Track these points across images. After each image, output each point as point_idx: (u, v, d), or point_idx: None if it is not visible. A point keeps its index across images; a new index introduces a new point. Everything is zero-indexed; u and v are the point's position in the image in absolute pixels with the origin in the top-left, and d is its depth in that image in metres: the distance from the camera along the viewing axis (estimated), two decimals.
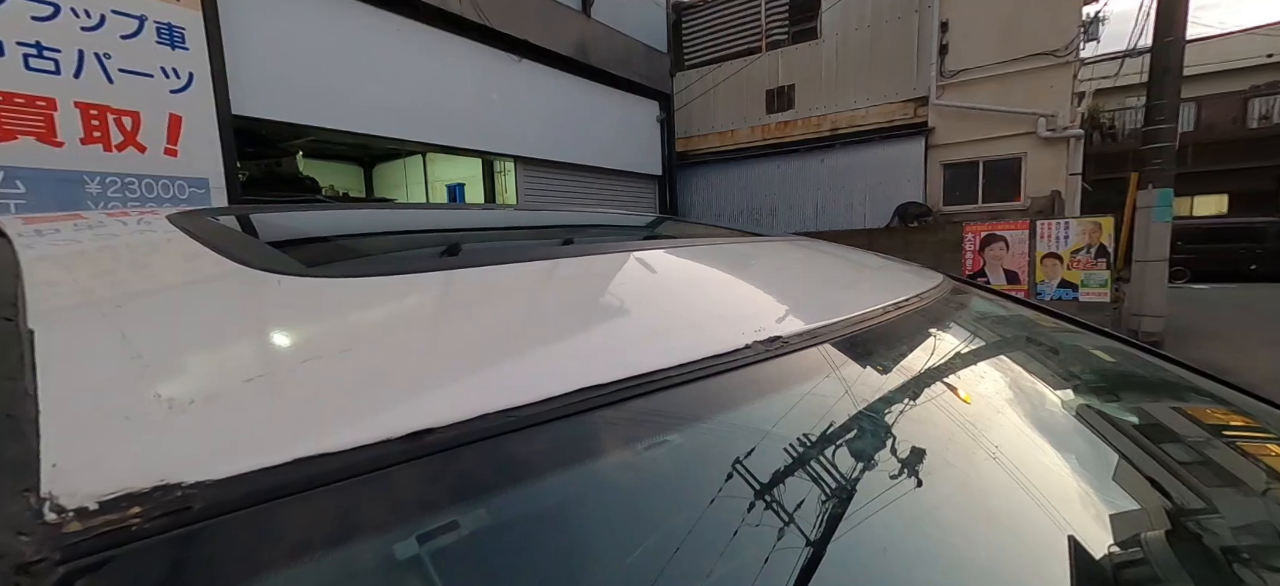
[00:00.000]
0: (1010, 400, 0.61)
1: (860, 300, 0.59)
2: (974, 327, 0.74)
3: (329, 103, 5.20)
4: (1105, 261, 5.87)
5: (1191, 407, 0.74)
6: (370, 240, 0.78)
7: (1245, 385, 0.77)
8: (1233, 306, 9.02)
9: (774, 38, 10.52)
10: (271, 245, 0.60)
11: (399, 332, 0.37)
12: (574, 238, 1.04)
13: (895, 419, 0.46)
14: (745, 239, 0.84)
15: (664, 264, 0.61)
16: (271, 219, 0.73)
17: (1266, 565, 0.46)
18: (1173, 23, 6.01)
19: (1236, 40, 15.90)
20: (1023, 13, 8.28)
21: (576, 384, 0.33)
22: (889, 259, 1.04)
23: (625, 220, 1.29)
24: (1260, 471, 0.61)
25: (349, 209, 0.88)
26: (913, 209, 8.87)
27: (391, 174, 11.01)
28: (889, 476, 0.41)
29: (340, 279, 0.43)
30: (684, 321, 0.46)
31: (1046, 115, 8.19)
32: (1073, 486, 0.51)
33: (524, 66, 7.24)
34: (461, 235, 0.91)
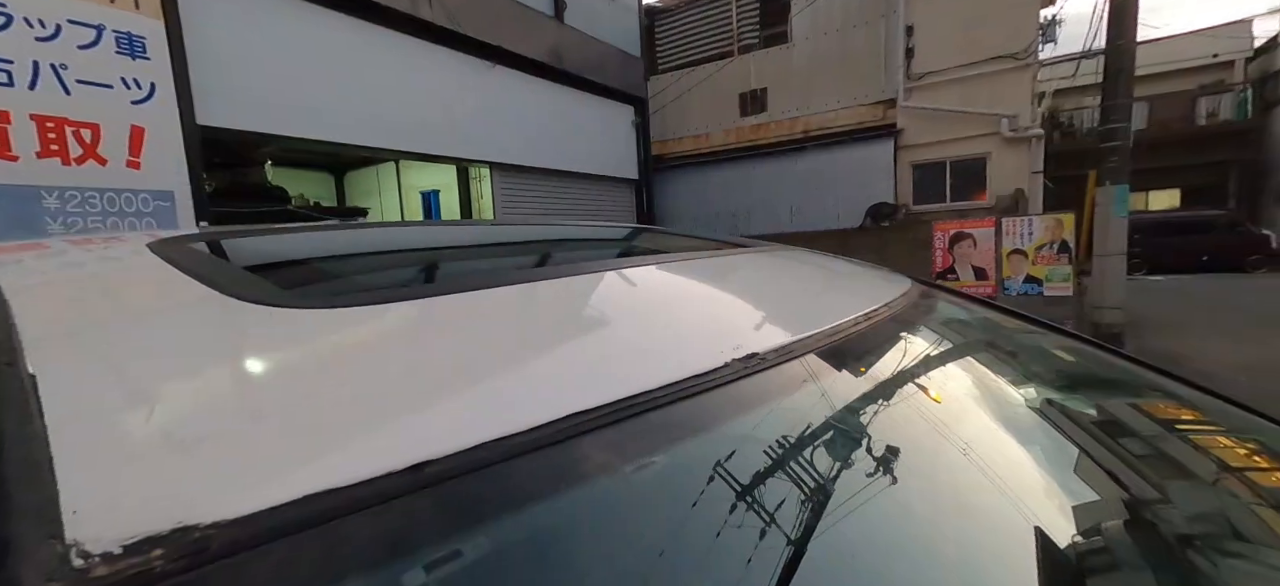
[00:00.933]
0: (979, 400, 0.64)
1: (836, 310, 0.61)
2: (943, 331, 0.77)
3: (297, 111, 5.10)
4: (1068, 256, 6.09)
5: (1146, 402, 0.79)
6: (353, 265, 0.78)
7: (1196, 378, 0.82)
8: (1187, 297, 9.44)
9: (745, 41, 10.67)
10: (255, 273, 0.60)
11: (395, 362, 0.38)
12: (554, 254, 1.05)
13: (877, 426, 0.48)
14: (722, 250, 0.87)
15: (646, 281, 0.63)
16: (250, 244, 0.73)
17: (1218, 551, 0.50)
18: (1124, 27, 6.28)
19: (1185, 41, 16.67)
20: (984, 17, 8.55)
21: (570, 408, 0.34)
22: (859, 264, 1.07)
23: (604, 232, 1.30)
24: (1211, 462, 0.66)
25: (326, 231, 0.87)
26: (884, 209, 9.07)
27: (363, 182, 10.82)
28: (874, 481, 0.44)
29: (333, 309, 0.44)
30: (668, 340, 0.47)
31: (1009, 116, 8.47)
32: (1039, 480, 0.55)
33: (498, 72, 7.21)
34: (445, 254, 0.91)
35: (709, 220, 10.88)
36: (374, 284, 0.67)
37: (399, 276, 0.78)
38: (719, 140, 10.82)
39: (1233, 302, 8.67)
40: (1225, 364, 5.18)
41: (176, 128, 3.97)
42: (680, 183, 11.12)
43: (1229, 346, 5.88)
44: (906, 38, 9.05)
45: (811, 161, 9.85)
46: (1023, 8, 8.48)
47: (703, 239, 1.12)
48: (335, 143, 5.56)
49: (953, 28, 8.73)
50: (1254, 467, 0.68)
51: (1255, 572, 0.48)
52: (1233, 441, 0.71)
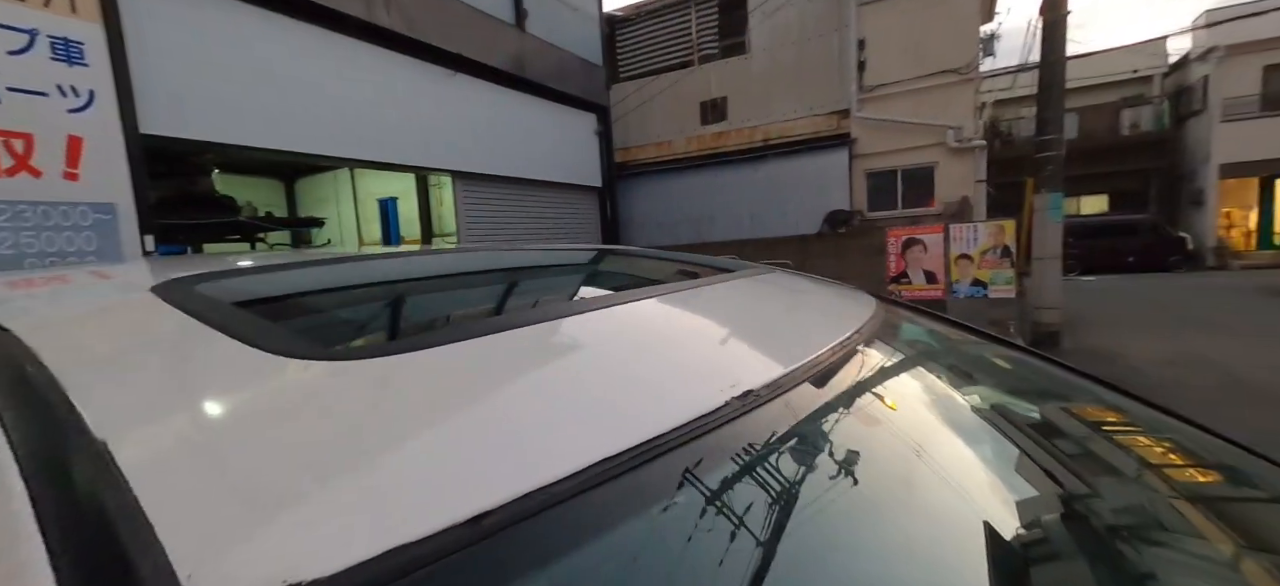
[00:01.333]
0: (962, 418, 0.71)
1: (819, 339, 0.67)
2: (917, 352, 0.85)
3: (247, 118, 4.92)
4: (1009, 260, 6.45)
5: (1079, 407, 0.88)
6: (372, 307, 0.80)
7: (1124, 379, 0.93)
8: (1116, 296, 10.14)
9: (705, 51, 10.87)
10: (269, 320, 0.62)
11: (436, 412, 0.41)
12: (555, 285, 1.08)
13: (871, 450, 0.54)
14: (711, 278, 0.92)
15: (650, 317, 0.67)
16: (256, 285, 0.73)
17: (1143, 539, 0.58)
18: (1054, 44, 6.71)
19: (1109, 57, 17.88)
20: (929, 33, 8.99)
21: (598, 454, 0.38)
22: (830, 284, 1.15)
23: (590, 259, 1.34)
24: (1133, 460, 0.75)
25: (322, 265, 0.87)
26: (841, 215, 9.39)
27: (316, 189, 10.48)
28: (878, 502, 0.49)
29: (366, 360, 0.46)
30: (675, 380, 0.52)
31: (954, 127, 8.92)
32: (1023, 488, 0.61)
33: (459, 80, 7.13)
34: (454, 287, 0.93)
35: (672, 227, 11.00)
36: (405, 330, 0.68)
37: (421, 317, 0.79)
38: (681, 148, 10.98)
39: (1156, 300, 9.37)
40: (1152, 359, 5.61)
41: (118, 137, 3.77)
42: (643, 190, 11.22)
43: (1155, 342, 6.36)
44: (858, 51, 9.42)
45: (771, 169, 10.11)
46: (964, 24, 8.96)
47: (687, 261, 1.17)
48: (289, 151, 5.39)
49: (901, 42, 9.14)
50: (1169, 463, 0.78)
51: (1173, 558, 0.56)
52: (1152, 440, 0.81)
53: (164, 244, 4.75)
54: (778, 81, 10.13)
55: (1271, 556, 0.59)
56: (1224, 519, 0.64)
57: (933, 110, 9.03)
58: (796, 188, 9.86)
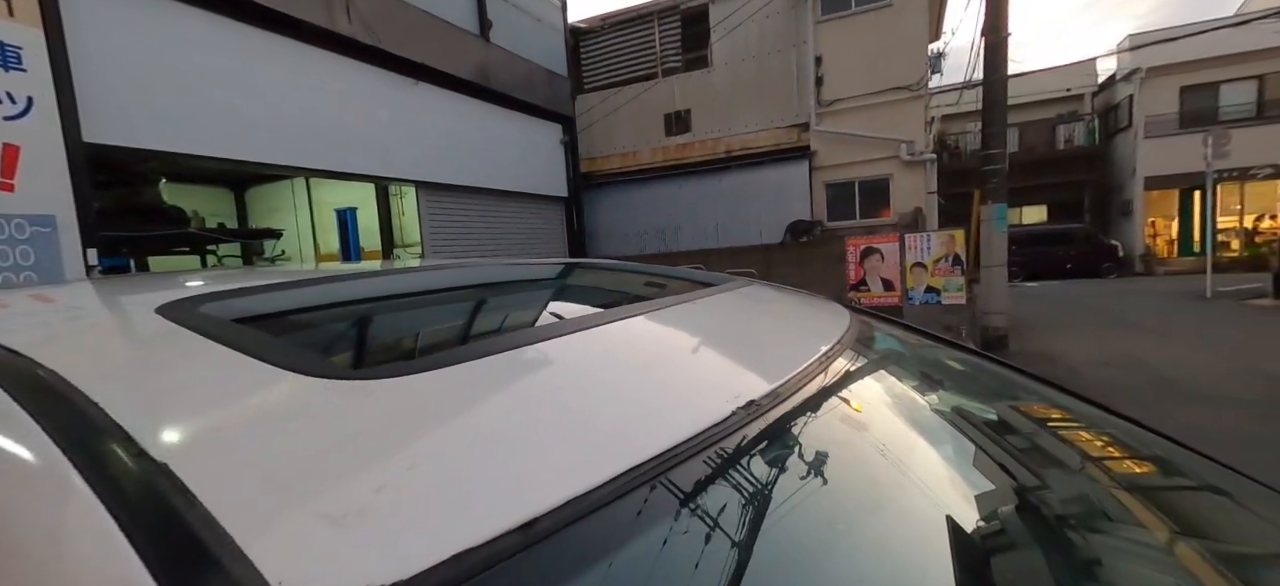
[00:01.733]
0: (937, 415, 0.78)
1: (805, 349, 0.73)
2: (889, 357, 0.91)
3: (198, 126, 4.73)
4: (960, 269, 6.77)
5: (1040, 408, 0.96)
6: (387, 323, 0.81)
7: (1068, 380, 1.02)
8: (1057, 301, 10.75)
9: (669, 64, 11.04)
10: (282, 338, 0.63)
11: (479, 426, 0.43)
12: (553, 298, 1.11)
13: (860, 448, 0.59)
14: (694, 293, 0.96)
15: (649, 332, 0.71)
16: (248, 305, 0.73)
17: (1088, 527, 0.65)
18: (997, 64, 7.13)
19: (1045, 76, 19.02)
20: (882, 51, 9.40)
21: (619, 467, 0.41)
22: (804, 295, 1.22)
23: (574, 272, 1.36)
24: (1076, 452, 0.83)
25: (322, 282, 0.87)
26: (802, 226, 9.67)
27: (268, 199, 10.10)
28: (871, 497, 0.54)
29: (394, 378, 0.48)
30: (684, 393, 0.56)
31: (907, 141, 9.33)
32: (996, 478, 0.68)
33: (423, 90, 7.04)
34: (457, 303, 0.94)
35: (639, 237, 11.08)
36: (426, 346, 0.70)
37: (435, 332, 0.79)
38: (646, 158, 11.09)
39: (1092, 305, 9.98)
40: (1090, 360, 5.98)
41: (59, 145, 3.57)
42: (610, 200, 11.27)
43: (1092, 345, 6.78)
44: (816, 67, 9.75)
45: (734, 180, 10.33)
46: (914, 43, 9.41)
47: (670, 276, 1.21)
48: (242, 161, 5.20)
49: (856, 59, 9.52)
50: (1109, 456, 0.87)
51: (1115, 545, 0.63)
52: (1093, 434, 0.90)
53: (107, 257, 4.51)
54: (740, 95, 10.38)
55: (1202, 540, 0.67)
56: (1159, 507, 0.72)
57: (887, 125, 9.43)
58: (759, 198, 10.10)
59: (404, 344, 0.71)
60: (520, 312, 0.92)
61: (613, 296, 1.10)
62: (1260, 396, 4.47)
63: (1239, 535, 0.71)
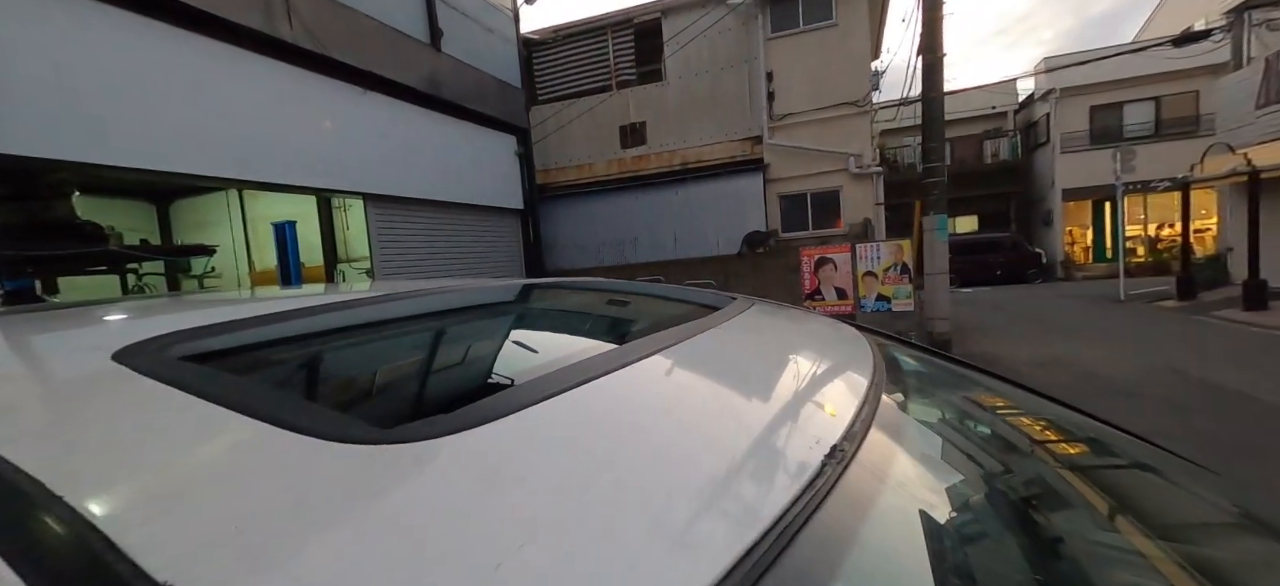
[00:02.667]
0: (970, 423, 0.77)
1: (856, 380, 0.70)
2: (916, 379, 0.91)
3: (117, 135, 4.35)
4: (908, 277, 7.08)
5: (1017, 412, 0.98)
6: (364, 363, 0.72)
7: (1020, 378, 1.06)
8: (990, 306, 11.42)
9: (623, 77, 11.09)
10: (287, 392, 0.55)
11: (554, 495, 0.37)
12: (551, 319, 1.04)
13: (932, 463, 0.57)
14: (707, 319, 0.92)
15: (698, 370, 0.66)
16: (223, 344, 0.63)
17: (1045, 506, 0.65)
18: (934, 83, 7.52)
19: (973, 94, 20.33)
20: (829, 68, 9.78)
21: (746, 540, 0.36)
22: (805, 315, 1.20)
23: (573, 293, 1.30)
24: (1027, 439, 0.86)
25: (299, 315, 0.76)
26: (759, 236, 9.88)
27: (196, 212, 9.42)
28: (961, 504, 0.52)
29: (445, 438, 0.41)
30: (767, 441, 0.51)
31: (855, 154, 9.72)
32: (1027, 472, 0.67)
33: (371, 99, 6.75)
34: (449, 320, 0.86)
35: (597, 249, 11.02)
36: (457, 392, 0.61)
37: (461, 376, 0.70)
38: (602, 170, 11.07)
39: (1022, 309, 10.66)
40: (1026, 361, 6.35)
41: None
42: (567, 212, 11.16)
43: (1026, 347, 7.21)
44: (767, 82, 10.03)
45: (691, 192, 10.45)
46: (858, 61, 9.85)
47: (681, 300, 1.17)
48: (170, 172, 4.81)
49: (805, 75, 9.87)
50: (1054, 441, 0.91)
51: (1063, 522, 0.63)
52: (1043, 424, 0.94)
53: (10, 278, 4.05)
54: (694, 108, 10.54)
55: (1135, 513, 0.69)
56: (1100, 484, 0.74)
57: (836, 139, 9.79)
58: (716, 210, 10.26)
59: (431, 390, 0.63)
60: (538, 344, 0.85)
61: (631, 322, 1.05)
62: (1172, 392, 4.87)
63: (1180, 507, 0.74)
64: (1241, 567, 0.61)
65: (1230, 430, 3.89)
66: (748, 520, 0.38)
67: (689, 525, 0.37)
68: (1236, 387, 4.81)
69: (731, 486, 0.43)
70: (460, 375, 0.67)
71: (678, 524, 0.37)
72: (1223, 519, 0.74)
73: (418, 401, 0.61)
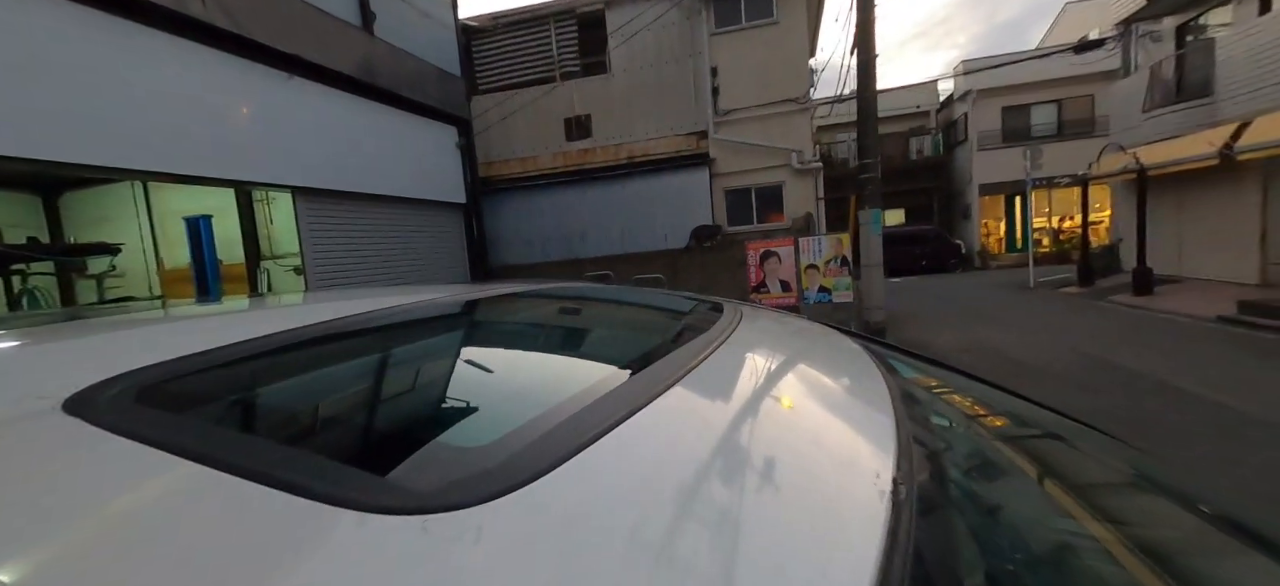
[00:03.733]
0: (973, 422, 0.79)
1: (878, 401, 0.70)
2: (921, 390, 0.93)
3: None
4: (848, 269, 7.39)
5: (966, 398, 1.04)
6: (378, 402, 0.65)
7: (946, 360, 1.13)
8: (917, 294, 12.14)
9: (567, 68, 10.90)
10: (297, 446, 0.48)
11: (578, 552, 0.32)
12: (540, 331, 0.99)
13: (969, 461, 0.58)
14: (717, 334, 0.91)
15: (734, 399, 0.64)
16: (191, 387, 0.54)
17: (982, 476, 0.69)
18: (868, 81, 7.85)
19: (898, 94, 21.45)
20: (771, 65, 10.02)
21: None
22: (800, 325, 1.21)
23: (555, 300, 1.25)
24: (963, 415, 0.91)
25: (253, 343, 0.63)
26: (706, 231, 10.01)
27: (92, 207, 8.48)
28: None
29: (489, 503, 0.33)
30: (837, 483, 0.49)
31: (797, 150, 10.02)
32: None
33: (298, 85, 6.29)
34: (443, 345, 0.79)
35: (543, 244, 10.82)
36: (462, 439, 0.53)
37: (491, 418, 0.59)
38: (547, 164, 10.86)
39: (946, 297, 11.40)
40: (953, 347, 6.79)
41: None
42: (512, 206, 10.88)
43: (953, 334, 7.71)
44: (712, 77, 10.15)
45: (638, 186, 10.44)
46: (798, 59, 10.14)
47: (670, 310, 1.15)
48: (57, 162, 4.29)
49: (748, 71, 10.06)
50: (986, 416, 0.97)
51: (997, 488, 0.67)
52: (973, 402, 1.01)
53: None
54: (639, 102, 10.51)
55: (1062, 478, 0.75)
56: (1028, 454, 0.81)
57: (778, 135, 10.05)
58: (663, 204, 10.30)
59: (469, 428, 0.55)
60: (547, 368, 0.80)
61: (631, 339, 1.01)
62: (1080, 372, 5.36)
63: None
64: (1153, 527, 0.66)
65: (1130, 407, 4.31)
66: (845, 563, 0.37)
67: (783, 567, 0.34)
68: (1134, 367, 5.35)
69: (826, 546, 0.41)
70: (479, 411, 0.61)
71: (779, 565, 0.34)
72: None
73: (441, 446, 0.54)
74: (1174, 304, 8.31)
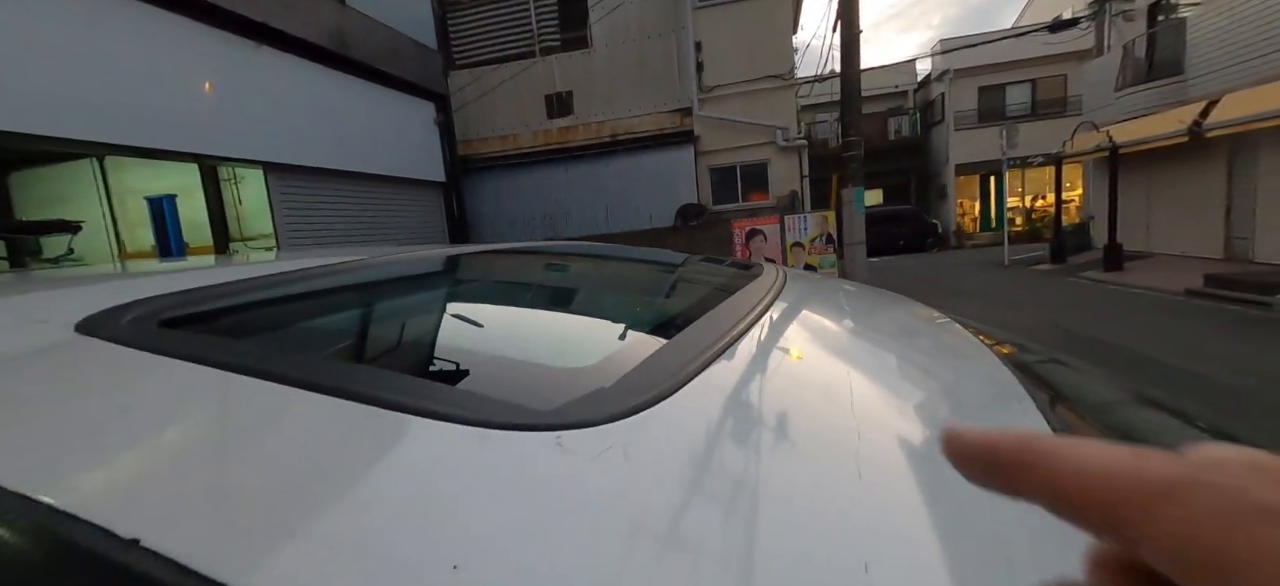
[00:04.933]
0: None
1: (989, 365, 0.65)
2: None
3: None
4: (833, 246, 7.42)
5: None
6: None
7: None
8: (896, 273, 12.30)
9: (547, 43, 10.64)
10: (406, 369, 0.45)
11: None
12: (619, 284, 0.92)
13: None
14: (760, 287, 0.85)
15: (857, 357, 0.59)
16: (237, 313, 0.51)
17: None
18: (851, 60, 7.83)
19: (877, 73, 21.55)
20: (757, 40, 9.92)
21: None
22: (851, 285, 1.17)
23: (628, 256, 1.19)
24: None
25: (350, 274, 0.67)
26: (692, 209, 9.95)
27: (45, 185, 8.01)
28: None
29: (600, 426, 0.34)
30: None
31: (782, 128, 9.98)
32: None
33: (268, 56, 5.99)
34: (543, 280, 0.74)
35: (526, 224, 10.64)
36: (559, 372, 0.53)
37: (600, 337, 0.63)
38: (528, 141, 10.64)
39: (924, 276, 11.59)
40: None
41: None
42: (492, 185, 10.65)
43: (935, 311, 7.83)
44: (696, 52, 10.01)
45: (621, 165, 10.30)
46: (782, 34, 10.06)
47: (711, 264, 1.09)
48: (8, 132, 4.01)
49: (733, 47, 9.94)
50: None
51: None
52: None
53: None
54: (622, 78, 10.34)
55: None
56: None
57: (763, 112, 10.00)
58: (648, 182, 10.20)
59: (566, 358, 0.57)
60: (625, 310, 0.76)
61: (690, 290, 0.97)
62: (1059, 346, 5.48)
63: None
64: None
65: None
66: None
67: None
68: (1109, 340, 5.50)
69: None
70: (561, 347, 0.61)
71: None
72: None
73: (543, 371, 0.56)
74: (1144, 278, 8.57)
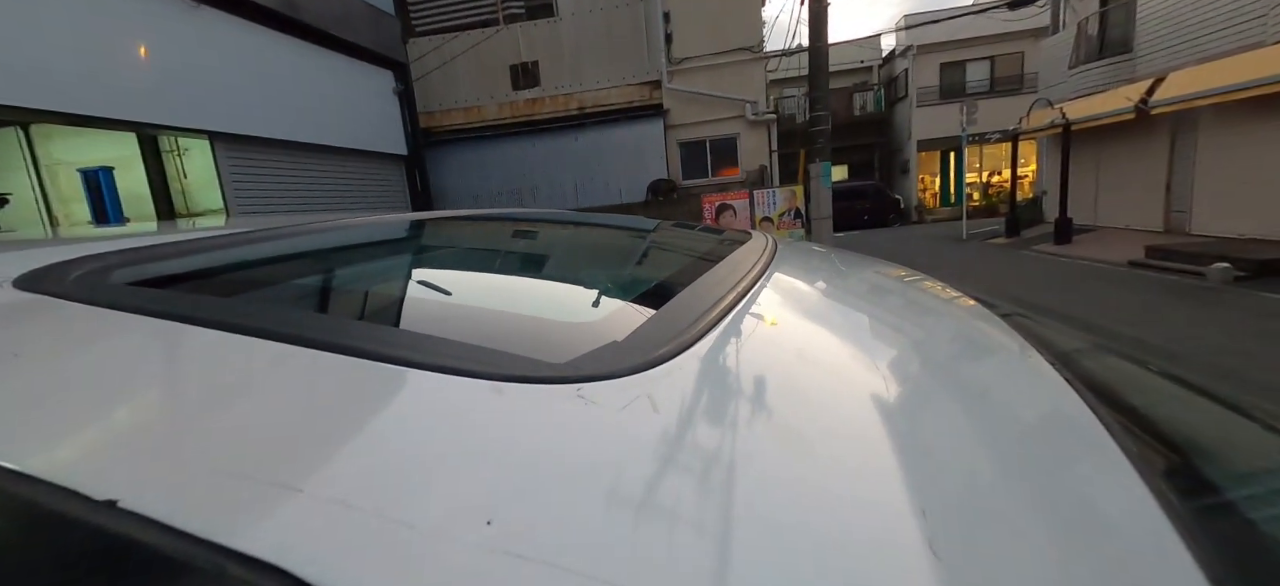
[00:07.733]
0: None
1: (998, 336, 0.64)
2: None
3: None
4: (801, 221, 7.51)
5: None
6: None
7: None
8: (861, 247, 12.52)
9: (511, 10, 10.29)
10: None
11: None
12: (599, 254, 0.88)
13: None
14: (754, 253, 0.83)
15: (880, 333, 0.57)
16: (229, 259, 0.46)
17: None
18: (820, 33, 7.84)
19: (842, 49, 21.68)
20: (726, 10, 9.81)
21: None
22: (833, 250, 1.15)
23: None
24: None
25: (322, 233, 0.62)
26: (663, 184, 9.88)
27: None
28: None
29: (620, 378, 0.34)
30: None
31: (751, 101, 9.95)
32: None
33: (207, 16, 5.59)
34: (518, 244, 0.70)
35: (492, 199, 10.39)
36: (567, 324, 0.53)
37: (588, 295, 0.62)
38: (493, 114, 10.34)
39: (887, 250, 11.86)
40: None
41: None
42: (457, 159, 10.33)
43: None
44: (665, 23, 9.84)
45: (591, 138, 10.13)
46: (751, 5, 9.97)
47: (691, 228, 1.06)
48: None
49: (702, 17, 9.81)
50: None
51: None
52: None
53: None
54: (589, 48, 10.10)
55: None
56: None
57: (733, 85, 9.94)
58: (617, 157, 10.06)
59: (578, 314, 0.55)
60: (634, 271, 0.72)
61: (686, 255, 0.94)
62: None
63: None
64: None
65: None
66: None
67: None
68: (1059, 309, 5.75)
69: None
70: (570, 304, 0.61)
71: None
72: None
73: (560, 328, 0.54)
74: (1091, 251, 8.98)
